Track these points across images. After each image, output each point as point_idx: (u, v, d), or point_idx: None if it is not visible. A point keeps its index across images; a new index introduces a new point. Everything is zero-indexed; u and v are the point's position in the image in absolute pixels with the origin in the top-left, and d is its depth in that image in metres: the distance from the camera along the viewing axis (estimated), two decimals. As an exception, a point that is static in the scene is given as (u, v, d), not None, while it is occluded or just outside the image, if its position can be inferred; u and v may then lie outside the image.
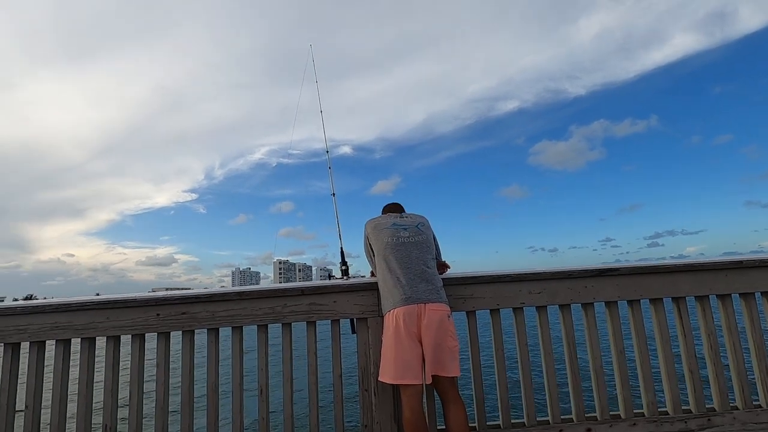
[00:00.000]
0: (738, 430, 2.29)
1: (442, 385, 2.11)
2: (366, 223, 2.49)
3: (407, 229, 2.32)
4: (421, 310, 2.09)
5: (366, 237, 2.46)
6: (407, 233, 2.29)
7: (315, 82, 3.93)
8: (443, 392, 2.11)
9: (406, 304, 2.09)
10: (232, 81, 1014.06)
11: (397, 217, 2.44)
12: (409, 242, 2.26)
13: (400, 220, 2.40)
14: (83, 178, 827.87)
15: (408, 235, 2.29)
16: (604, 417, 2.33)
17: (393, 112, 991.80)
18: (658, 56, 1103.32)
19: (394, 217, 2.45)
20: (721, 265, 2.44)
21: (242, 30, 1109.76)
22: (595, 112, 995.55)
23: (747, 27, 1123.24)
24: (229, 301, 2.33)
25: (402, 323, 2.07)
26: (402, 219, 2.42)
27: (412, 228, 2.34)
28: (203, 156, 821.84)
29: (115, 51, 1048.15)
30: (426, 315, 2.08)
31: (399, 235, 2.28)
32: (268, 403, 2.32)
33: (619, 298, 2.42)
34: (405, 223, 2.38)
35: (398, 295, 2.13)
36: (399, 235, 2.28)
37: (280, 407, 2.34)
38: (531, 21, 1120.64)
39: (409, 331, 2.06)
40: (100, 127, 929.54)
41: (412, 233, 2.31)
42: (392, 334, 2.09)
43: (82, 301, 2.30)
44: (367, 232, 2.44)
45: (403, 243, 2.25)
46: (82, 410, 2.23)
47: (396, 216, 2.46)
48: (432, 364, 2.06)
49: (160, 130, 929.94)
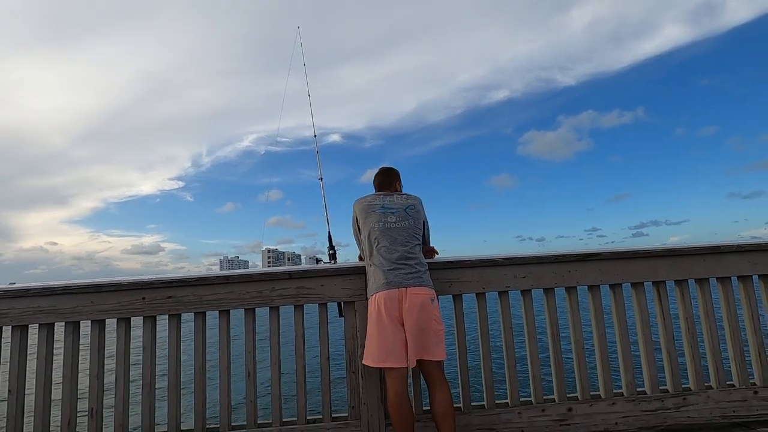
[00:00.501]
0: (712, 408, 2.39)
1: (428, 369, 2.13)
2: (354, 202, 2.44)
3: (395, 213, 2.29)
4: (402, 295, 2.10)
5: (354, 218, 2.43)
6: (394, 218, 2.28)
7: (303, 65, 3.88)
8: (428, 375, 2.13)
9: (388, 288, 2.11)
10: (219, 67, 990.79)
11: (386, 198, 2.37)
12: (395, 227, 2.25)
13: (388, 202, 2.34)
14: (67, 164, 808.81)
15: (395, 220, 2.27)
16: (585, 396, 2.40)
17: (383, 100, 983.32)
18: (649, 47, 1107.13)
19: (383, 197, 2.38)
20: (700, 251, 2.51)
21: (230, 15, 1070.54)
22: (584, 103, 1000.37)
23: (734, 19, 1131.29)
24: (216, 284, 2.33)
25: (383, 308, 2.09)
26: (391, 201, 2.36)
27: (400, 212, 2.31)
28: (190, 143, 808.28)
29: (98, 35, 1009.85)
30: (407, 299, 2.09)
31: (386, 220, 2.26)
32: (255, 386, 2.34)
33: (602, 282, 2.48)
34: (393, 206, 2.33)
35: (380, 280, 2.14)
36: (386, 220, 2.26)
37: (268, 390, 2.36)
38: (524, 9, 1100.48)
39: (391, 315, 2.08)
40: (84, 113, 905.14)
41: (399, 218, 2.28)
42: (375, 319, 2.11)
43: (66, 285, 2.27)
44: (356, 213, 2.41)
45: (389, 228, 2.24)
46: (67, 395, 2.23)
47: (385, 196, 2.39)
48: (416, 348, 2.08)
49: (146, 117, 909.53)
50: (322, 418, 2.33)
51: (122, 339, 2.29)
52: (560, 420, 2.35)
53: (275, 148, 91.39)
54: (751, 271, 2.52)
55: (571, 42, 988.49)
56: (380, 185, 2.51)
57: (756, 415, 2.38)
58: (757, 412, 2.39)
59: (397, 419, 2.05)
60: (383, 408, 2.31)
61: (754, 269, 2.52)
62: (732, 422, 2.37)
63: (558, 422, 2.34)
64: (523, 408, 2.36)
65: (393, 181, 2.51)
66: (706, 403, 2.39)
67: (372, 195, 2.44)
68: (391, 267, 2.16)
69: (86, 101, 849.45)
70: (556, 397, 2.41)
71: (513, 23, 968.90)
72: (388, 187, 2.49)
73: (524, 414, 2.34)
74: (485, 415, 2.34)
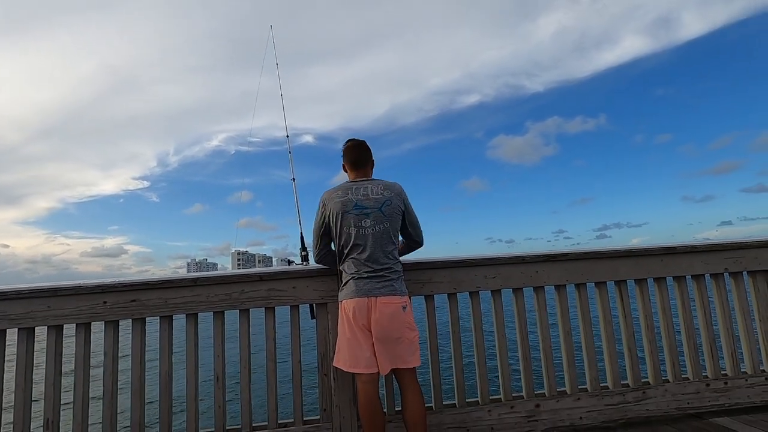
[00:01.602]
0: (669, 400, 2.51)
1: (401, 374, 2.10)
2: (325, 196, 2.20)
3: (370, 215, 2.11)
4: (371, 304, 2.02)
5: (321, 213, 2.20)
6: (369, 221, 2.10)
7: (276, 64, 3.83)
8: (402, 380, 2.11)
9: (357, 296, 2.04)
10: (188, 64, 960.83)
11: (360, 191, 2.16)
12: (369, 233, 2.10)
13: (363, 198, 2.13)
14: (20, 161, 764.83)
15: (370, 224, 2.10)
16: (552, 393, 2.47)
17: (357, 102, 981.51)
18: (610, 57, 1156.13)
19: (356, 190, 2.16)
20: (658, 251, 2.65)
21: (200, 9, 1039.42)
22: (550, 109, 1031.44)
23: (688, 33, 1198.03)
24: (183, 287, 2.26)
25: (352, 316, 2.04)
26: (366, 196, 2.14)
27: (376, 212, 2.12)
28: (156, 141, 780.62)
29: (55, 25, 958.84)
30: (377, 309, 2.02)
31: (360, 225, 2.09)
32: (224, 391, 2.28)
33: (567, 282, 2.57)
34: (368, 204, 2.12)
35: (350, 287, 2.07)
36: (360, 225, 2.09)
37: (238, 395, 2.31)
38: (495, 15, 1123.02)
39: (359, 324, 2.03)
40: (40, 107, 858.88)
41: (375, 220, 2.10)
42: (345, 325, 2.07)
43: (19, 289, 2.14)
44: (325, 210, 2.18)
45: (363, 234, 2.09)
46: (20, 404, 2.10)
47: (359, 187, 2.17)
48: (389, 358, 2.03)
49: (108, 113, 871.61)
50: (294, 422, 2.30)
51: (81, 345, 2.18)
52: (528, 416, 2.41)
53: (246, 148, 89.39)
54: (703, 270, 2.68)
55: (539, 50, 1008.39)
56: (355, 163, 2.28)
57: (708, 406, 2.53)
58: (709, 403, 2.53)
59: (367, 422, 2.03)
60: (355, 410, 2.30)
61: (706, 269, 2.68)
62: (687, 413, 2.51)
63: (526, 418, 2.41)
64: (492, 405, 2.41)
65: (368, 159, 2.32)
66: (664, 396, 2.52)
67: (344, 186, 2.20)
68: (362, 275, 2.06)
69: (44, 95, 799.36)
70: (525, 394, 2.47)
71: (484, 29, 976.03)
72: (364, 166, 2.29)
73: (494, 411, 2.39)
74: (456, 414, 2.37)
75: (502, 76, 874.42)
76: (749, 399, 2.56)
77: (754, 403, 2.55)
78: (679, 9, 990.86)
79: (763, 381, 2.58)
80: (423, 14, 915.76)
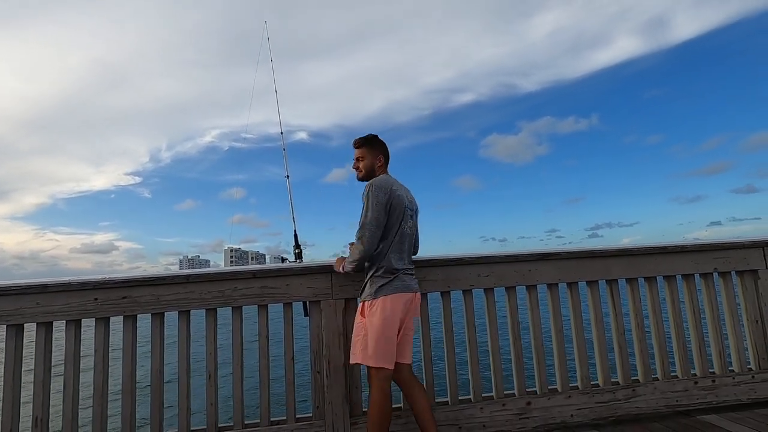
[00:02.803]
0: (658, 398, 2.55)
1: (405, 372, 2.16)
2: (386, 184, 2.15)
3: (412, 217, 2.28)
4: (412, 299, 2.16)
5: (388, 201, 2.12)
6: (411, 223, 2.25)
7: (270, 60, 3.80)
8: (408, 378, 2.17)
9: (405, 291, 2.13)
10: (181, 59, 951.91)
11: (404, 190, 2.26)
12: (408, 234, 2.22)
13: (410, 200, 2.27)
14: (7, 156, 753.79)
15: (411, 225, 2.26)
16: (543, 390, 2.50)
17: (351, 99, 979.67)
18: (603, 57, 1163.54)
19: (403, 189, 2.26)
20: (649, 251, 2.68)
21: (193, 3, 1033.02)
22: (543, 109, 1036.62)
23: (681, 35, 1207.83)
24: (175, 284, 2.24)
25: (398, 309, 2.09)
26: (411, 200, 2.28)
27: (414, 217, 2.31)
28: (148, 137, 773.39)
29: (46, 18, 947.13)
30: (414, 303, 2.18)
31: (408, 225, 2.22)
32: (216, 389, 2.27)
33: (560, 281, 2.59)
34: (412, 207, 2.28)
35: (403, 280, 2.14)
36: (408, 225, 2.22)
37: (230, 392, 2.30)
38: (491, 14, 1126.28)
39: (401, 318, 2.11)
40: (30, 100, 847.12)
41: (412, 225, 2.28)
42: (390, 320, 2.06)
43: (6, 285, 2.12)
44: (393, 201, 2.13)
45: (410, 234, 2.23)
46: (8, 402, 2.07)
47: (404, 188, 2.28)
48: (398, 352, 2.12)
49: (100, 108, 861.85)
50: (286, 420, 2.30)
51: (72, 342, 2.16)
52: (520, 414, 2.43)
53: (240, 144, 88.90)
54: (693, 270, 2.71)
55: (533, 49, 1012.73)
56: (388, 159, 2.36)
57: (696, 403, 2.57)
58: (697, 400, 2.57)
59: (383, 421, 2.03)
60: (348, 407, 2.30)
61: (696, 268, 2.71)
62: (675, 411, 2.54)
63: (518, 416, 2.43)
64: (485, 403, 2.42)
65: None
66: (653, 393, 2.55)
67: (394, 180, 2.25)
68: (408, 272, 2.19)
69: (33, 88, 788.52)
70: (516, 392, 2.49)
71: (479, 28, 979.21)
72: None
73: (486, 409, 2.41)
74: (449, 411, 2.38)
75: (497, 75, 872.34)
76: (736, 397, 2.60)
77: (741, 400, 2.60)
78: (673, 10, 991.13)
79: (749, 379, 2.63)
80: (418, 12, 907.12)
